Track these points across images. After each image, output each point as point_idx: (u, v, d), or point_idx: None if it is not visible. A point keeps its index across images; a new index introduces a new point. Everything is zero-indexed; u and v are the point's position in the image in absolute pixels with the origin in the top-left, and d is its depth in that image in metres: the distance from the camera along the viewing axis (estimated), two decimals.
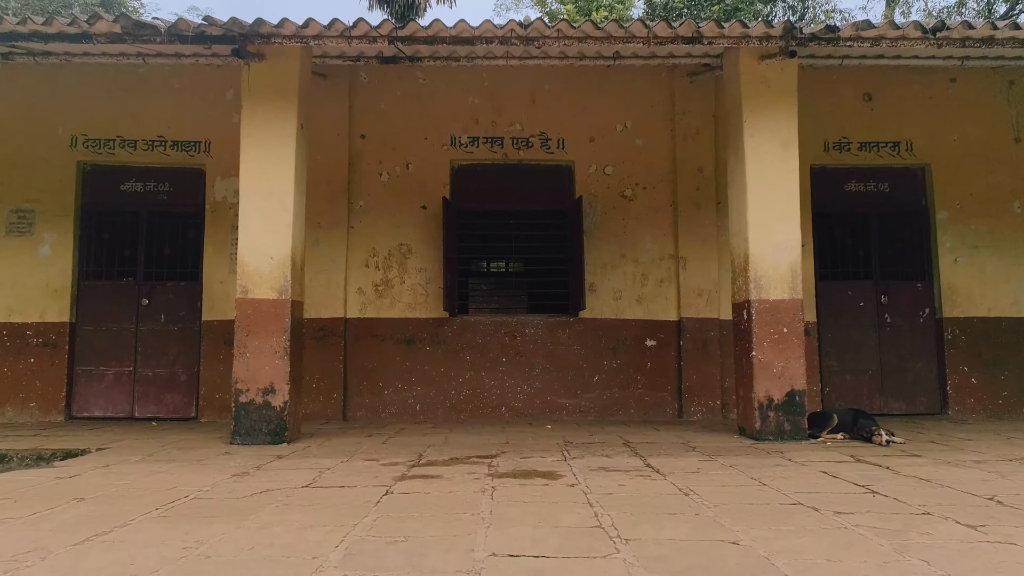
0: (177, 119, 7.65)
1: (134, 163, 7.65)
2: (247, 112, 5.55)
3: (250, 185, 5.49)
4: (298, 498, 3.37)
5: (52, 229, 7.52)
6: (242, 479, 3.89)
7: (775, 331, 5.53)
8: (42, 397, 7.37)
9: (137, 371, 7.49)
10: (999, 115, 7.93)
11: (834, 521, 2.87)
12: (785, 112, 5.65)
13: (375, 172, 7.70)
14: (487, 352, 7.57)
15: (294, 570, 2.23)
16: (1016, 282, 7.78)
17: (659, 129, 7.79)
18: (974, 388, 7.64)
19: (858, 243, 7.91)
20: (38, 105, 7.57)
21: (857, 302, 7.79)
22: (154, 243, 7.66)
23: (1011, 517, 2.95)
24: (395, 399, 7.46)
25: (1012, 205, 7.85)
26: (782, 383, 5.47)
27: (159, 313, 7.57)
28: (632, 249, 7.70)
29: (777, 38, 5.26)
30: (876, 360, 7.72)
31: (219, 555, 2.41)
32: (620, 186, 7.75)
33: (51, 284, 7.47)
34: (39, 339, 7.41)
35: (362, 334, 7.52)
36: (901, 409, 7.63)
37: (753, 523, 2.83)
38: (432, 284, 7.58)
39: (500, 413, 7.46)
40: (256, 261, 5.45)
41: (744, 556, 2.38)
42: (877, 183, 7.93)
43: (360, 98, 7.74)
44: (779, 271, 5.55)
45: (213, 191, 7.62)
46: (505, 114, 7.79)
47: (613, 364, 7.57)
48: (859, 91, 7.87)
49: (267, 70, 5.52)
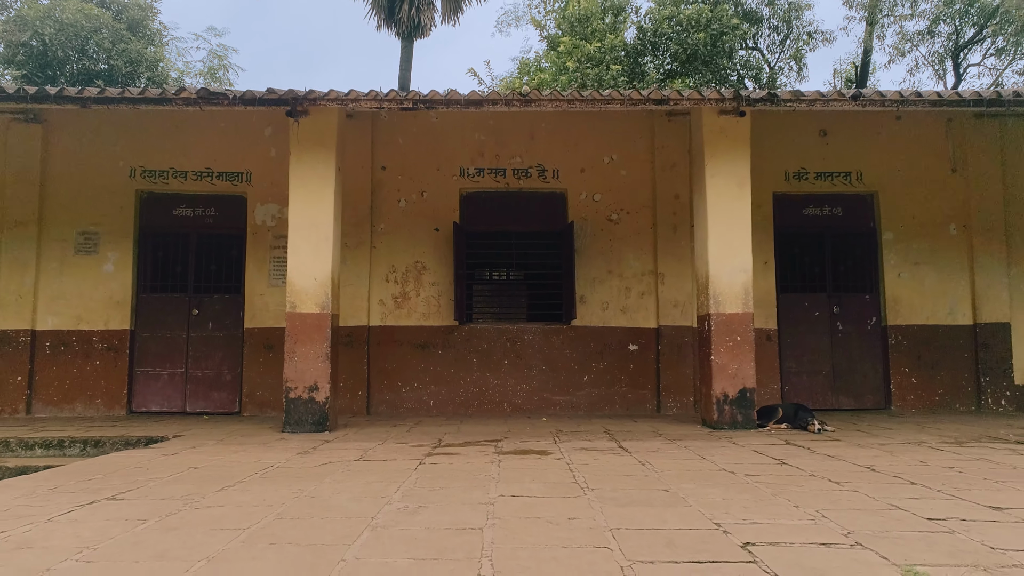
0: (222, 153, 8.81)
1: (185, 191, 8.82)
2: (294, 159, 6.71)
3: (298, 219, 6.65)
4: (355, 467, 4.53)
5: (114, 249, 8.68)
6: (306, 455, 5.05)
7: (730, 339, 6.70)
8: (106, 394, 8.54)
9: (188, 372, 8.66)
10: (938, 148, 9.09)
11: (743, 480, 4.04)
12: (740, 158, 6.82)
13: (394, 199, 8.86)
14: (491, 355, 8.73)
15: (372, 504, 3.40)
16: (951, 294, 8.94)
17: (641, 162, 8.96)
18: (914, 386, 8.81)
19: (814, 260, 9.07)
20: (103, 141, 8.73)
21: (813, 312, 8.96)
22: (202, 261, 8.82)
23: (871, 477, 4.12)
24: (412, 396, 8.62)
25: (948, 228, 9.01)
26: (736, 382, 6.64)
27: (207, 322, 8.74)
28: (617, 266, 8.86)
29: (729, 100, 6.43)
30: (829, 362, 8.89)
31: (319, 496, 3.58)
32: (607, 211, 8.92)
33: (113, 297, 8.63)
34: (104, 344, 8.58)
35: (383, 340, 8.68)
36: (851, 405, 8.80)
37: (684, 481, 4.00)
38: (444, 296, 8.74)
39: (503, 408, 8.62)
40: (303, 282, 6.62)
41: (670, 497, 3.55)
42: (831, 208, 9.10)
43: (381, 135, 8.90)
44: (734, 290, 6.72)
45: (253, 215, 8.78)
46: (507, 148, 8.96)
47: (600, 366, 8.74)
48: (815, 128, 9.03)
49: (311, 124, 6.69)
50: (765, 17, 20.51)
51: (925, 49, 18.20)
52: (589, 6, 17.03)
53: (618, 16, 17.54)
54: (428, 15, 21.36)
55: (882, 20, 18.55)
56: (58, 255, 8.62)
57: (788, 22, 20.53)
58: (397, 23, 20.97)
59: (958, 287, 8.93)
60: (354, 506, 3.36)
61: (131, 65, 17.86)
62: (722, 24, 16.83)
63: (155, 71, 18.75)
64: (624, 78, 15.79)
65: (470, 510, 3.26)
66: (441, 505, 3.38)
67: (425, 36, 21.60)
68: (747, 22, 20.18)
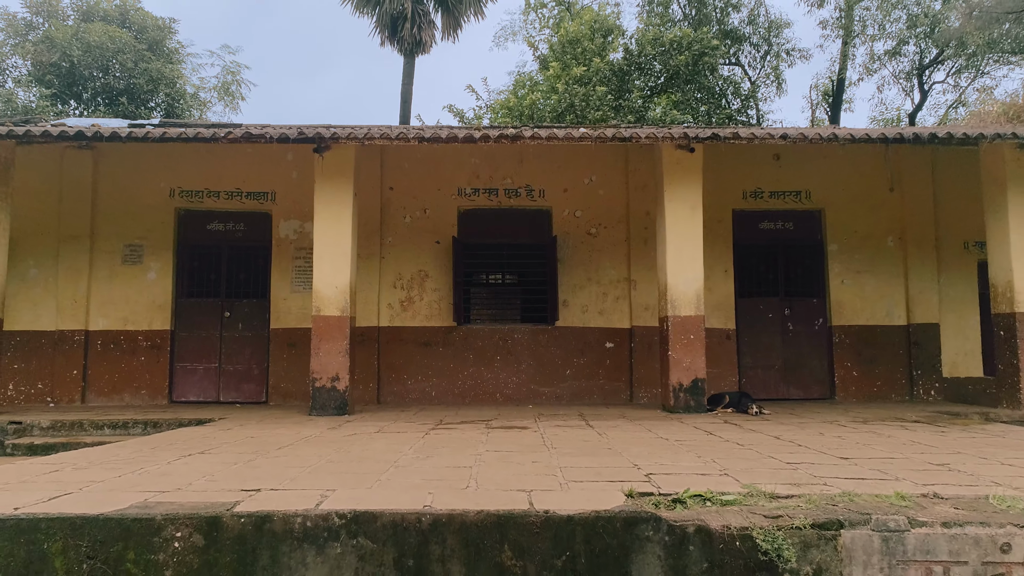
0: (250, 176, 10.07)
1: (217, 209, 10.09)
2: (318, 187, 8.00)
3: (322, 238, 7.93)
4: (375, 437, 5.80)
5: (156, 259, 9.95)
6: (334, 430, 6.33)
7: (685, 337, 7.97)
8: (150, 386, 9.81)
9: (221, 366, 9.93)
10: (878, 171, 10.36)
11: (672, 444, 5.31)
12: (693, 185, 8.10)
13: (400, 216, 10.14)
14: (485, 352, 10.00)
15: (393, 455, 4.67)
16: (888, 298, 10.21)
17: (616, 183, 10.23)
18: (855, 379, 10.08)
19: (769, 268, 10.34)
20: (146, 165, 10.00)
21: (767, 314, 10.23)
22: (233, 270, 10.09)
23: (772, 442, 5.39)
24: (416, 388, 9.89)
25: (886, 240, 10.28)
26: (689, 373, 7.92)
27: (237, 323, 10.01)
28: (596, 273, 10.13)
29: (680, 138, 7.70)
30: (781, 358, 10.17)
31: (353, 451, 4.85)
32: (587, 226, 10.19)
33: (156, 301, 9.90)
34: (147, 343, 9.85)
35: (391, 339, 9.95)
36: (800, 395, 10.07)
37: (627, 445, 5.27)
38: (444, 301, 10.01)
39: (495, 398, 9.89)
40: (326, 290, 7.89)
41: (611, 452, 4.82)
42: (783, 223, 10.37)
43: (389, 160, 10.17)
44: (687, 296, 7.99)
45: (278, 230, 10.05)
46: (499, 171, 10.23)
47: (581, 361, 10.01)
48: (770, 153, 10.29)
49: (333, 157, 7.97)
50: (747, 35, 21.80)
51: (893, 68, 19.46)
52: (579, 29, 18.31)
53: (607, 37, 18.80)
54: (429, 33, 22.59)
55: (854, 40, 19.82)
56: (107, 265, 9.89)
57: (768, 40, 21.83)
58: (399, 41, 22.21)
59: (894, 292, 10.20)
60: (380, 456, 4.63)
61: (152, 83, 19.12)
62: (703, 45, 18.08)
63: (173, 88, 20.02)
64: (610, 96, 17.07)
65: (463, 457, 4.54)
66: (443, 455, 4.65)
67: (426, 52, 22.84)
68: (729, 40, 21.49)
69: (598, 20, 18.81)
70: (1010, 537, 3.07)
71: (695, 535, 3.03)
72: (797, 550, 3.03)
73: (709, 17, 21.38)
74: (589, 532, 3.03)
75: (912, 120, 20.29)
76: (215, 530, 2.99)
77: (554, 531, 3.02)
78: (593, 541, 3.03)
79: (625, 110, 17.08)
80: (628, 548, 3.03)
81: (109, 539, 2.97)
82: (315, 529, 3.00)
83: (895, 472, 4.10)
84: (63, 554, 2.96)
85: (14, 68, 19.29)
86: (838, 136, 7.63)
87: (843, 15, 20.11)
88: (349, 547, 3.00)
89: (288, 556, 2.98)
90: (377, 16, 22.30)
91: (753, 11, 21.44)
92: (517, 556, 3.00)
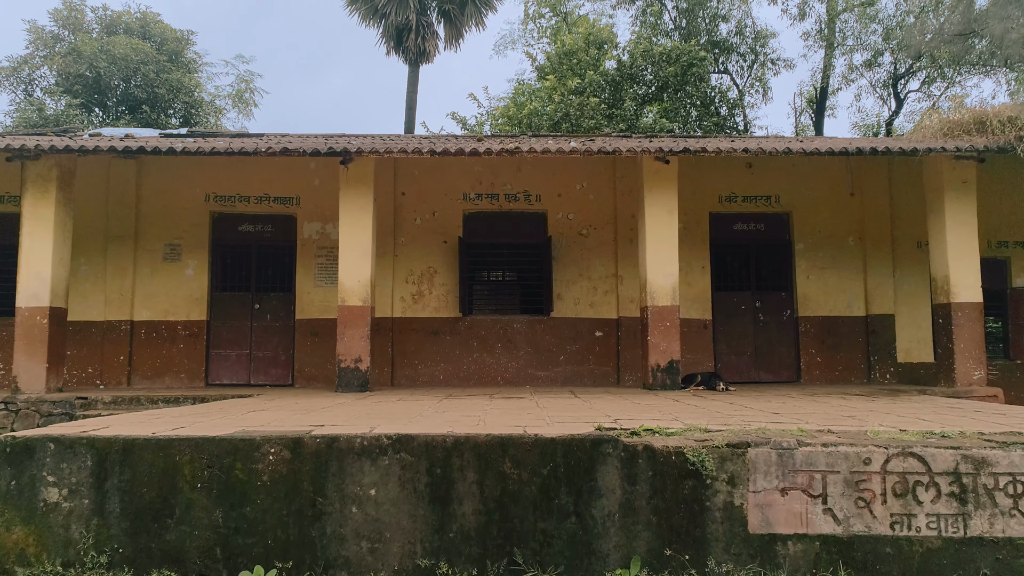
0: (277, 182, 11.25)
1: (247, 212, 11.27)
2: (343, 194, 9.17)
3: (346, 239, 9.12)
4: (398, 403, 6.98)
5: (193, 257, 11.13)
6: (361, 400, 7.50)
7: (662, 325, 9.15)
8: (188, 370, 10.98)
9: (252, 353, 11.11)
10: (840, 177, 11.54)
11: (642, 406, 6.49)
12: (669, 192, 9.28)
13: (412, 218, 11.31)
14: (487, 340, 11.18)
15: (416, 411, 5.84)
16: (849, 292, 11.39)
17: (605, 188, 11.41)
18: (819, 364, 11.27)
19: (742, 265, 11.52)
20: (184, 173, 11.17)
21: (740, 306, 11.41)
22: (261, 266, 11.27)
23: (725, 406, 6.57)
24: (425, 372, 11.07)
25: (847, 240, 11.46)
26: (665, 355, 9.09)
27: (266, 314, 11.19)
28: (587, 270, 11.31)
29: (655, 151, 8.87)
30: (752, 346, 11.35)
31: (383, 409, 6.02)
32: (578, 227, 11.37)
33: (193, 295, 11.08)
34: (186, 332, 11.03)
35: (403, 328, 11.13)
36: (770, 379, 11.25)
37: (607, 406, 6.44)
38: (451, 294, 11.19)
39: (496, 381, 11.06)
40: (350, 283, 9.07)
41: (590, 409, 5.99)
42: (755, 224, 11.55)
43: (402, 168, 11.35)
44: (664, 289, 9.17)
45: (302, 231, 11.23)
46: (500, 178, 11.40)
47: (573, 348, 11.18)
48: (743, 162, 11.46)
49: (355, 168, 9.15)
50: (735, 46, 22.97)
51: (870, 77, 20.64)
52: (575, 41, 19.49)
53: (601, 49, 19.99)
54: (432, 43, 23.79)
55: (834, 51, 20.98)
56: (150, 262, 11.07)
57: (754, 50, 22.99)
58: (405, 51, 23.39)
59: (854, 286, 11.38)
60: (406, 412, 5.81)
61: (172, 92, 20.30)
62: (691, 57, 19.26)
63: (191, 97, 21.20)
64: (604, 106, 18.26)
65: (473, 411, 5.72)
66: (456, 410, 5.84)
67: (430, 62, 24.05)
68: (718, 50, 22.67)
69: (593, 33, 20.00)
70: (871, 454, 4.25)
71: (643, 452, 4.21)
72: (716, 462, 4.21)
73: (699, 28, 22.58)
74: (567, 449, 4.21)
75: (889, 126, 21.48)
76: (298, 447, 4.17)
77: (541, 448, 4.20)
78: (569, 456, 4.20)
79: (618, 118, 18.25)
80: (594, 460, 4.21)
81: (222, 453, 4.15)
82: (370, 447, 4.18)
83: (809, 420, 5.28)
84: (190, 463, 4.14)
85: (42, 78, 20.47)
86: (792, 149, 8.81)
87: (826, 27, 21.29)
88: (394, 459, 4.18)
89: (351, 465, 4.16)
90: (383, 28, 23.50)
91: (740, 22, 22.62)
92: (515, 466, 4.18)
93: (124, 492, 4.15)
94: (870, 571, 4.17)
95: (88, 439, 4.19)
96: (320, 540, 4.14)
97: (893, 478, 4.24)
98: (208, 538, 4.12)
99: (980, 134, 8.66)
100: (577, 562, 4.17)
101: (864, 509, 4.21)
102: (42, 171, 9.09)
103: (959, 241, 9.28)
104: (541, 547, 4.17)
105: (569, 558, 4.16)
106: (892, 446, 4.30)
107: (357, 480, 4.17)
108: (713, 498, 4.21)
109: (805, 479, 4.24)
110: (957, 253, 9.25)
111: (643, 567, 4.14)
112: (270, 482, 4.16)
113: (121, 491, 4.15)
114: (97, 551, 4.10)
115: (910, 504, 4.22)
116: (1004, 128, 8.46)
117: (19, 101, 20.36)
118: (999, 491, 4.23)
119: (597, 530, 4.18)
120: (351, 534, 4.15)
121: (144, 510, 4.14)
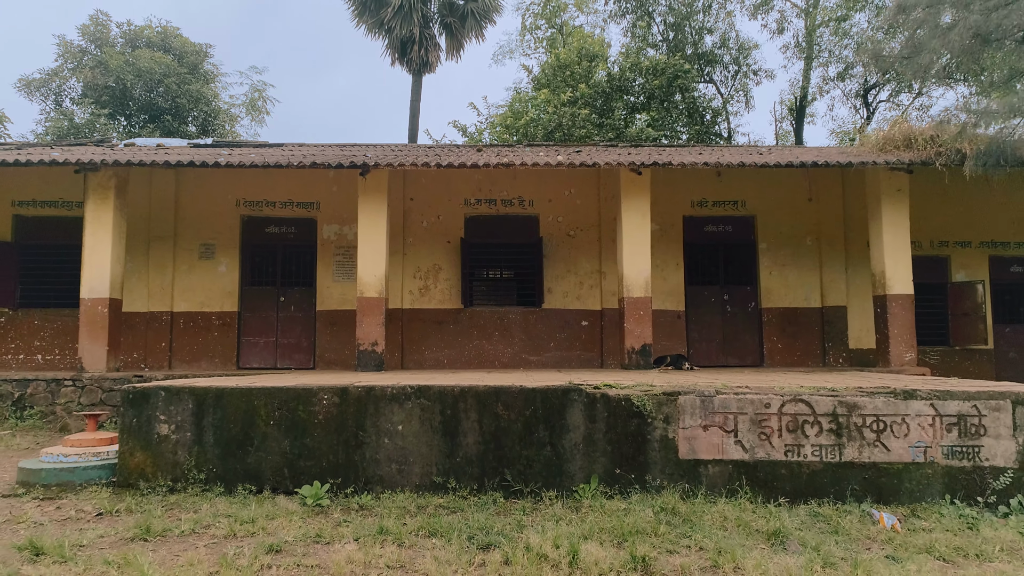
0: (300, 188, 12.70)
1: (273, 215, 12.72)
2: (361, 200, 10.62)
3: (364, 239, 10.56)
4: (415, 375, 8.42)
5: (225, 256, 12.58)
6: (381, 375, 8.95)
7: (636, 313, 10.60)
8: (222, 356, 12.43)
9: (278, 340, 12.56)
10: (800, 184, 12.99)
11: (613, 377, 7.93)
12: (643, 199, 10.72)
13: (419, 221, 12.77)
14: (486, 329, 12.63)
15: (429, 377, 7.29)
16: (807, 286, 12.84)
17: (590, 194, 12.86)
18: (780, 350, 12.72)
19: (712, 262, 12.97)
20: (217, 180, 12.61)
21: (710, 299, 12.86)
22: (286, 264, 12.71)
23: (689, 377, 8.02)
24: (431, 357, 12.52)
25: (805, 240, 12.91)
26: (639, 340, 10.54)
27: (290, 306, 12.64)
28: (574, 267, 12.76)
29: (629, 165, 10.32)
30: (721, 334, 12.80)
31: (400, 377, 7.47)
32: (567, 229, 12.82)
33: (225, 289, 12.53)
34: (220, 321, 12.47)
35: (412, 318, 12.58)
36: (736, 363, 12.70)
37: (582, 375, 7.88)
38: (454, 289, 12.64)
39: (494, 365, 12.51)
40: (367, 277, 10.52)
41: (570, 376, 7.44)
42: (724, 226, 13.00)
43: (410, 176, 12.80)
44: (639, 283, 10.62)
45: (322, 232, 12.68)
46: (497, 185, 12.86)
47: (562, 336, 12.63)
48: (712, 171, 12.91)
49: (372, 178, 10.60)
50: (719, 57, 24.41)
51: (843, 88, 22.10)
52: (568, 55, 20.94)
53: (592, 62, 21.44)
54: (435, 54, 25.20)
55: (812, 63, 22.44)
56: (187, 260, 12.52)
57: (738, 61, 24.44)
58: (409, 62, 24.79)
59: (811, 281, 12.83)
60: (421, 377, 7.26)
61: (192, 103, 21.74)
62: (676, 69, 20.71)
63: (209, 107, 22.64)
64: (595, 116, 19.71)
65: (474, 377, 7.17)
66: (462, 376, 7.28)
67: (432, 72, 25.42)
68: (703, 61, 24.13)
69: (584, 47, 21.45)
70: (771, 400, 5.71)
71: (600, 398, 5.67)
72: (655, 406, 5.67)
73: (686, 39, 24.03)
74: (544, 396, 5.66)
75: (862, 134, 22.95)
76: (345, 394, 5.62)
77: (526, 395, 5.66)
78: (546, 401, 5.66)
79: (607, 127, 19.70)
80: (564, 404, 5.66)
81: (288, 398, 5.61)
82: (398, 394, 5.64)
83: (738, 381, 6.73)
84: (265, 406, 5.59)
85: (71, 89, 21.91)
86: (745, 163, 10.26)
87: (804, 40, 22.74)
88: (416, 403, 5.63)
89: (384, 407, 5.61)
90: (389, 40, 24.89)
91: (724, 35, 24.07)
92: (505, 408, 5.63)
93: (216, 427, 5.61)
94: (769, 487, 5.63)
95: (190, 388, 5.65)
96: (361, 463, 5.60)
97: (787, 418, 5.70)
98: (278, 461, 5.59)
99: (908, 149, 10.10)
100: (551, 479, 5.63)
101: (765, 441, 5.67)
102: (102, 180, 10.53)
103: (894, 241, 10.73)
104: (525, 468, 5.63)
105: (545, 476, 5.63)
106: (787, 395, 5.76)
107: (388, 418, 5.63)
108: (652, 432, 5.67)
109: (721, 419, 5.70)
110: (892, 251, 10.70)
111: (600, 483, 5.60)
112: (324, 420, 5.62)
113: (214, 426, 5.61)
114: (197, 471, 5.56)
115: (799, 437, 5.68)
116: (927, 145, 9.90)
117: (49, 110, 21.80)
118: (866, 428, 5.69)
119: (566, 456, 5.65)
120: (384, 458, 5.61)
121: (231, 440, 5.60)
